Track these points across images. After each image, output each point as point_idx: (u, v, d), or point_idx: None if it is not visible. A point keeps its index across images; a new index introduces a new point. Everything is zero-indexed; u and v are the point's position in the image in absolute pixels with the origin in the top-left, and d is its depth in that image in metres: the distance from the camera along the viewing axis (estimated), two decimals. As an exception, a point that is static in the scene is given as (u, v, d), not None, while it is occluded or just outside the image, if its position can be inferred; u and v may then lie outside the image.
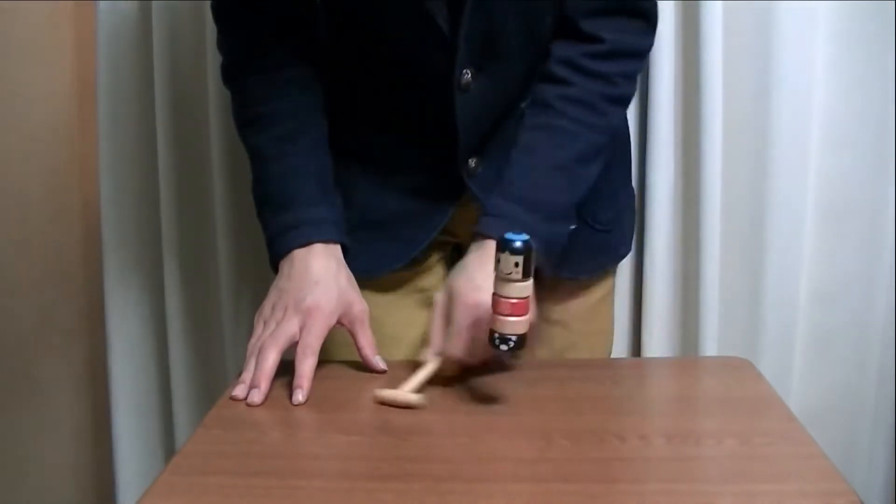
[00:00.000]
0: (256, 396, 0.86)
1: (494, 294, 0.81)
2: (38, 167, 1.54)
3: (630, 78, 0.99)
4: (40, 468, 1.64)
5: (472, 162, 0.99)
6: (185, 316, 1.51)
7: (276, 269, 0.97)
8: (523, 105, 1.00)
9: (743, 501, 0.65)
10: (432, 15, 0.90)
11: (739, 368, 0.95)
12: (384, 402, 0.85)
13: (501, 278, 0.80)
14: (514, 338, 0.81)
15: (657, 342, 1.43)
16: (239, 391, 0.88)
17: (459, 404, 0.85)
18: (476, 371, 0.90)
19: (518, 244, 0.79)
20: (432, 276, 1.10)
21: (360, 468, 0.73)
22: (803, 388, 1.46)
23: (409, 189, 1.02)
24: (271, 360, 0.88)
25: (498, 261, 0.79)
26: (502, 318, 0.81)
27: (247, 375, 0.89)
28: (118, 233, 1.51)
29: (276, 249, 0.96)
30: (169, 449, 1.58)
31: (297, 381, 0.87)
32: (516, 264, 0.79)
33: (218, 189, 1.44)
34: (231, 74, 1.03)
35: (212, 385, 1.54)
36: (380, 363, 0.94)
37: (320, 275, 0.93)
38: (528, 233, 0.86)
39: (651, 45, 1.01)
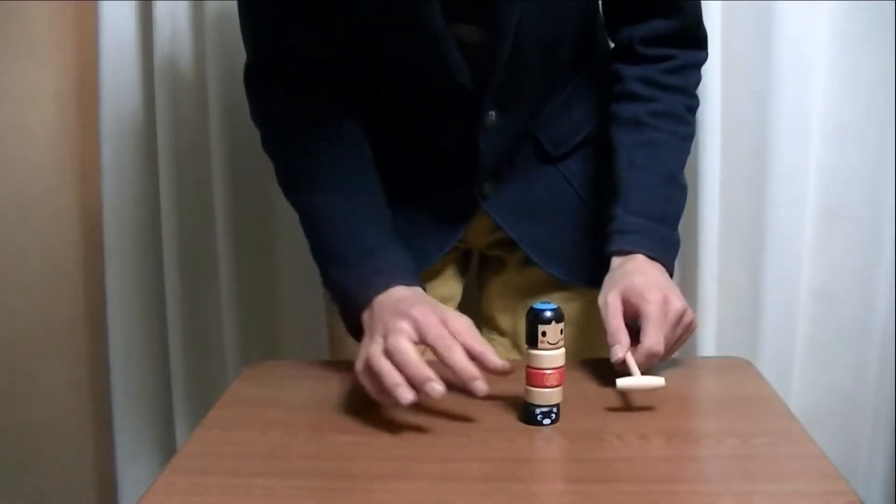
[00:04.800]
0: (438, 386, 0.76)
1: (534, 369, 0.78)
2: (39, 167, 1.54)
3: (697, 87, 1.03)
4: (40, 468, 1.64)
5: (486, 186, 1.02)
6: (185, 316, 1.51)
7: (353, 330, 0.90)
8: (541, 135, 1.03)
9: (743, 501, 0.65)
10: (456, 75, 0.92)
11: (739, 368, 0.95)
12: (627, 390, 0.82)
13: (546, 349, 0.78)
14: (556, 409, 0.80)
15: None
16: (404, 394, 0.76)
17: (459, 405, 0.85)
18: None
19: (555, 310, 0.78)
20: (442, 279, 1.11)
21: (360, 468, 0.73)
22: (803, 388, 1.46)
23: (422, 207, 1.03)
24: (412, 352, 0.78)
25: (543, 333, 0.77)
26: (548, 390, 0.78)
27: (392, 379, 0.77)
28: (119, 233, 1.51)
29: (358, 302, 0.88)
30: (169, 449, 1.58)
31: (468, 376, 0.77)
32: (561, 331, 0.78)
33: (219, 189, 1.44)
34: (272, 141, 0.99)
35: (212, 385, 1.54)
36: (503, 364, 0.82)
37: (407, 294, 0.86)
38: (663, 243, 0.92)
39: (707, 57, 1.05)
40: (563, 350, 0.79)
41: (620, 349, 0.84)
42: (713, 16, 1.30)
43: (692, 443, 0.76)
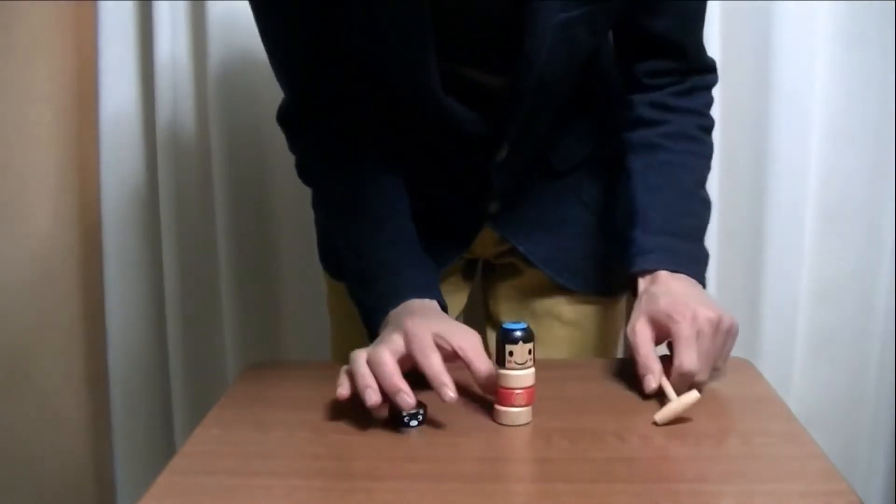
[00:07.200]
0: (409, 399, 0.78)
1: (504, 389, 0.79)
2: (39, 167, 1.54)
3: (710, 108, 1.03)
4: (40, 468, 1.64)
5: (493, 204, 1.04)
6: (185, 316, 1.52)
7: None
8: (548, 152, 1.04)
9: (743, 501, 0.65)
10: (466, 127, 0.94)
11: (739, 368, 0.95)
12: (667, 421, 0.79)
13: (513, 369, 0.78)
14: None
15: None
16: (371, 396, 0.78)
17: (459, 405, 0.85)
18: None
19: (525, 329, 0.78)
20: (446, 286, 1.11)
21: (359, 468, 0.73)
22: (803, 388, 1.46)
23: (429, 225, 1.03)
24: (390, 365, 0.79)
25: (510, 353, 0.78)
26: (517, 410, 0.79)
27: (364, 381, 0.79)
28: (118, 233, 1.51)
29: (377, 319, 0.91)
30: (169, 449, 1.58)
31: (438, 382, 0.79)
32: (530, 351, 0.78)
33: (218, 189, 1.44)
34: (309, 171, 1.03)
35: (212, 385, 1.54)
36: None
37: (415, 308, 0.89)
38: (685, 257, 0.91)
39: (717, 79, 1.04)
40: (532, 370, 0.79)
41: (653, 379, 0.83)
42: (713, 16, 1.30)
43: (692, 443, 0.76)
